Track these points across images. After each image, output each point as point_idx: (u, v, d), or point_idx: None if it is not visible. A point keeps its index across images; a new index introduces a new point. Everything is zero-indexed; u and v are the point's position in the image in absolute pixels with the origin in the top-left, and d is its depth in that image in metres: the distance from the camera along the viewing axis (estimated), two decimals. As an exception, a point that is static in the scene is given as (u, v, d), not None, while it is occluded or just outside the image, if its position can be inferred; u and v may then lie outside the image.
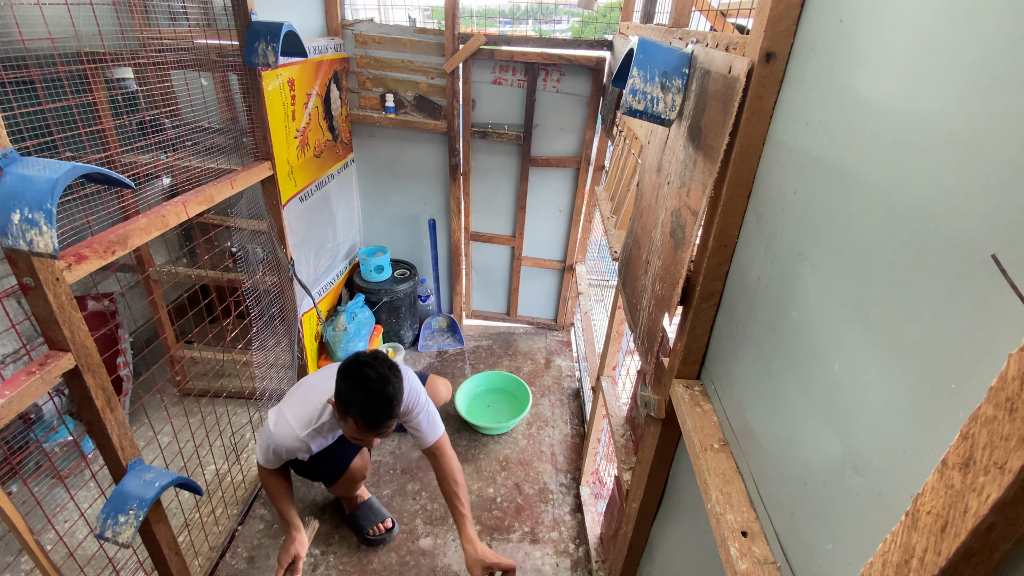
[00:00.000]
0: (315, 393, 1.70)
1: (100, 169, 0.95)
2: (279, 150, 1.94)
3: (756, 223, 0.77)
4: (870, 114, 0.53)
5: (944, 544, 0.34)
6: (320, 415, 1.66)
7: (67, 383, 1.15)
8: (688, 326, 0.93)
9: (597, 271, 3.48)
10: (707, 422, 0.87)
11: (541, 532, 2.04)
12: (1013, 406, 0.30)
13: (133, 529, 1.20)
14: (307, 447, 1.66)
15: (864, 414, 0.51)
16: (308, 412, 1.66)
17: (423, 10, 3.65)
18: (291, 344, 2.27)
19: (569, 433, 2.52)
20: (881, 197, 0.51)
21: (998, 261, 0.37)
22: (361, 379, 1.46)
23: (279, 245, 2.04)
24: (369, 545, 1.94)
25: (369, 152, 2.80)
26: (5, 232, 0.86)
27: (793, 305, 0.66)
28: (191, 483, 1.38)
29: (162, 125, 1.64)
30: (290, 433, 1.63)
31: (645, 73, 0.87)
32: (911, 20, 0.49)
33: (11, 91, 1.28)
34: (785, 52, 0.70)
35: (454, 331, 3.16)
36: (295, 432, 1.63)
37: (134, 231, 1.27)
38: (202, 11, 1.60)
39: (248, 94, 1.76)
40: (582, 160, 2.71)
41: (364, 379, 1.46)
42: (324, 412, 1.66)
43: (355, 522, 1.97)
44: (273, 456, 1.66)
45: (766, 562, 0.66)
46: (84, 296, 2.11)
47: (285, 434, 1.63)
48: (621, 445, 1.53)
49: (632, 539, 1.27)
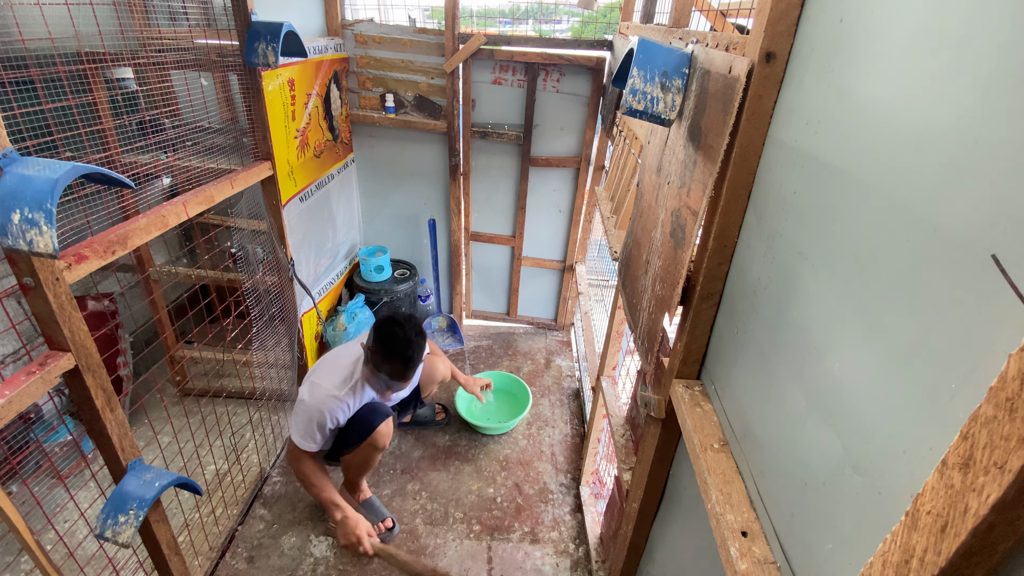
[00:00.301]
0: (343, 358, 1.86)
1: (100, 169, 0.95)
2: (279, 150, 1.94)
3: (756, 223, 0.77)
4: (870, 114, 0.54)
5: (944, 544, 0.34)
6: (353, 373, 1.82)
7: (67, 383, 1.15)
8: (688, 326, 0.93)
9: (597, 271, 3.48)
10: (707, 422, 0.87)
11: (541, 532, 2.04)
12: (1013, 406, 0.30)
13: (133, 529, 1.20)
14: (346, 405, 1.79)
15: (864, 414, 0.51)
16: (341, 373, 1.81)
17: (423, 10, 3.65)
18: (291, 344, 2.27)
19: (569, 433, 2.52)
20: (881, 197, 0.51)
21: (998, 261, 0.37)
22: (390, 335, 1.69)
23: (279, 245, 2.04)
24: None
25: (369, 152, 2.80)
26: (5, 232, 0.86)
27: (793, 305, 0.66)
28: (191, 483, 1.38)
29: (162, 125, 1.64)
30: (329, 394, 1.75)
31: (645, 73, 0.87)
32: (911, 20, 0.49)
33: (11, 91, 1.27)
34: (785, 52, 0.70)
35: (454, 331, 3.16)
36: (332, 392, 1.75)
37: (134, 231, 1.27)
38: (202, 11, 1.60)
39: (248, 94, 1.76)
40: (582, 160, 2.71)
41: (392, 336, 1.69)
42: (356, 370, 1.83)
43: None
44: (317, 428, 1.74)
45: (766, 562, 0.66)
46: (84, 296, 2.11)
47: (324, 396, 1.74)
48: (621, 445, 1.53)
49: (632, 539, 1.27)
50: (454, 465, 2.30)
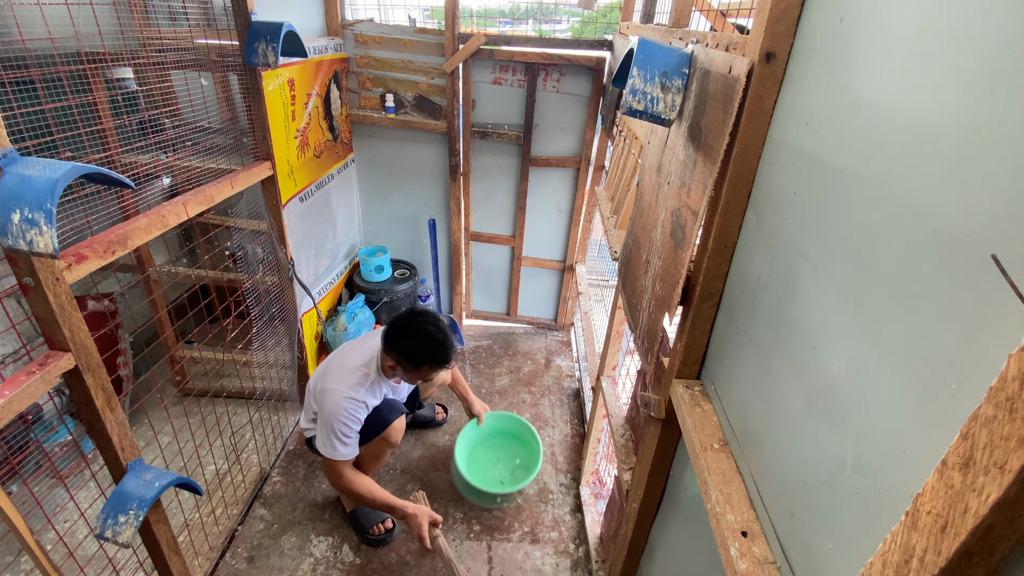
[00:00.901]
0: (352, 359, 1.86)
1: (100, 169, 0.95)
2: (279, 150, 1.94)
3: (756, 223, 0.77)
4: (870, 114, 0.53)
5: (944, 544, 0.34)
6: (367, 373, 1.83)
7: (67, 383, 1.15)
8: (688, 326, 0.93)
9: (597, 271, 3.48)
10: (707, 422, 0.87)
11: (541, 532, 2.04)
12: (1013, 406, 0.30)
13: (133, 529, 1.20)
14: (366, 405, 1.80)
15: (864, 414, 0.51)
16: (355, 375, 1.81)
17: (423, 10, 3.65)
18: (291, 344, 2.27)
19: (569, 433, 2.52)
20: (881, 197, 0.51)
21: (998, 261, 0.37)
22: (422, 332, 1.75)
23: (279, 245, 2.04)
24: (369, 545, 1.94)
25: (369, 152, 2.80)
26: (5, 232, 0.86)
27: (793, 305, 0.66)
28: (191, 483, 1.38)
29: (162, 125, 1.64)
30: (345, 396, 1.75)
31: (645, 73, 0.87)
32: (911, 20, 0.49)
33: (11, 91, 1.27)
34: (785, 52, 0.70)
35: (454, 331, 3.14)
36: (349, 394, 1.76)
37: (134, 231, 1.27)
38: (202, 11, 1.60)
39: (248, 94, 1.76)
40: (582, 160, 2.71)
41: (424, 331, 1.75)
42: (371, 370, 1.84)
43: (356, 521, 1.97)
44: (343, 435, 1.75)
45: (766, 562, 0.66)
46: (84, 296, 2.11)
47: (340, 401, 1.74)
48: (621, 445, 1.53)
49: (632, 539, 1.27)
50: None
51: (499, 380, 2.84)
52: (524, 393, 2.76)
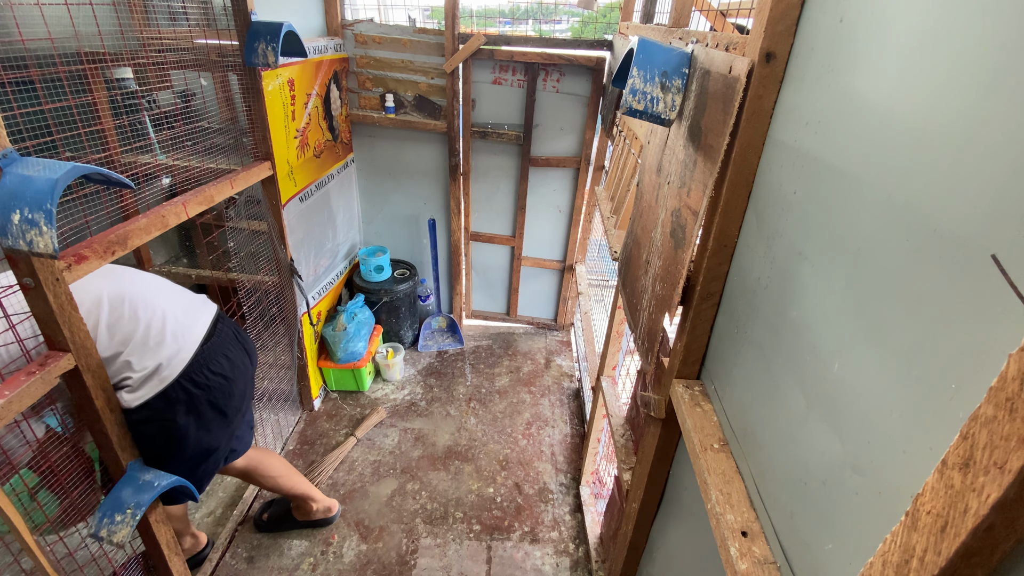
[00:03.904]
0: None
1: (100, 169, 0.95)
2: (279, 150, 1.94)
3: (756, 223, 0.77)
4: (870, 114, 0.53)
5: (944, 544, 0.34)
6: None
7: (67, 383, 1.15)
8: (688, 326, 0.93)
9: (597, 271, 3.48)
10: (707, 422, 0.87)
11: (541, 532, 2.04)
12: (1013, 406, 0.30)
13: (129, 529, 1.20)
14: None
15: (864, 414, 0.51)
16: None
17: (423, 10, 3.65)
18: (291, 344, 2.27)
19: (569, 433, 2.52)
20: (881, 197, 0.51)
21: (998, 261, 0.37)
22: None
23: (279, 245, 2.04)
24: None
25: (369, 152, 2.80)
26: (5, 232, 0.86)
27: (793, 305, 0.66)
28: (189, 488, 1.37)
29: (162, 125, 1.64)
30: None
31: (645, 73, 0.87)
32: (911, 20, 0.49)
33: (11, 91, 1.27)
34: (785, 52, 0.70)
35: (454, 331, 3.16)
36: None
37: (134, 231, 1.27)
38: (202, 11, 1.60)
39: (248, 94, 1.76)
40: (582, 160, 2.71)
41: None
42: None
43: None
44: None
45: (766, 562, 0.66)
46: (84, 296, 2.11)
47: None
48: (621, 445, 1.53)
49: (632, 539, 1.27)
50: (454, 465, 2.30)
51: (499, 380, 2.85)
52: (524, 393, 2.76)
